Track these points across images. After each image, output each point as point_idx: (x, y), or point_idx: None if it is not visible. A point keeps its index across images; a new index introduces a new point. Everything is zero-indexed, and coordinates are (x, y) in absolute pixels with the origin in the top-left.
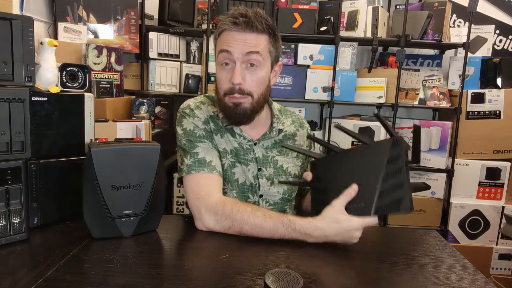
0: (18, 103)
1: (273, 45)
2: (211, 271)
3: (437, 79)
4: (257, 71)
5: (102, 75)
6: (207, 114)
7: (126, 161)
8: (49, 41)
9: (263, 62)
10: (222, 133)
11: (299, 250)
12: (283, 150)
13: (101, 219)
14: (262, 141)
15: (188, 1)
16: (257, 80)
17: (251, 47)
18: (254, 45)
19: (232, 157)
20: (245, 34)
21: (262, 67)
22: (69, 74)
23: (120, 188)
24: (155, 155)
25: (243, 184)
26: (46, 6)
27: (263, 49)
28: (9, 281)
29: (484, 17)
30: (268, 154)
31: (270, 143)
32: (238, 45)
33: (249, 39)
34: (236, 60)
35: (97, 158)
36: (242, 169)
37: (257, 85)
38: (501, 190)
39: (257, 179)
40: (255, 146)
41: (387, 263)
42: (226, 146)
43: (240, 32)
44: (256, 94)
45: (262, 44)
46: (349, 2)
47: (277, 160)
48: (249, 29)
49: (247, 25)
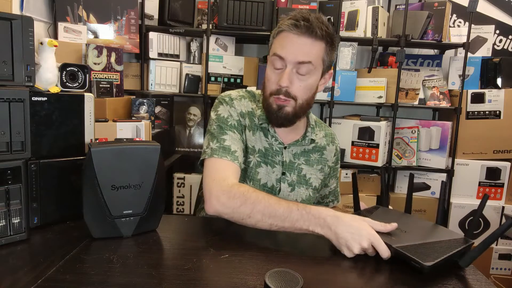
0: (18, 103)
1: (328, 53)
2: (211, 271)
3: (437, 79)
4: (306, 78)
5: (102, 75)
6: (245, 108)
7: (126, 161)
8: (49, 41)
9: (314, 70)
10: (255, 131)
11: (299, 250)
12: (309, 159)
13: (101, 219)
14: (292, 146)
15: (188, 1)
16: (304, 86)
17: (304, 56)
18: (307, 53)
19: (259, 156)
20: (303, 38)
21: (312, 75)
22: (69, 74)
23: (120, 188)
24: (155, 155)
25: (265, 185)
26: (46, 6)
27: (315, 58)
28: (9, 281)
29: (484, 17)
30: (294, 161)
31: (299, 150)
32: (293, 50)
33: (304, 44)
34: (288, 64)
35: (97, 158)
36: (267, 170)
37: (304, 90)
38: (501, 190)
39: (279, 182)
40: (284, 149)
41: (386, 263)
42: (255, 145)
43: (298, 36)
44: (301, 100)
45: (315, 53)
46: (349, 2)
47: (302, 168)
48: (308, 34)
49: (307, 29)
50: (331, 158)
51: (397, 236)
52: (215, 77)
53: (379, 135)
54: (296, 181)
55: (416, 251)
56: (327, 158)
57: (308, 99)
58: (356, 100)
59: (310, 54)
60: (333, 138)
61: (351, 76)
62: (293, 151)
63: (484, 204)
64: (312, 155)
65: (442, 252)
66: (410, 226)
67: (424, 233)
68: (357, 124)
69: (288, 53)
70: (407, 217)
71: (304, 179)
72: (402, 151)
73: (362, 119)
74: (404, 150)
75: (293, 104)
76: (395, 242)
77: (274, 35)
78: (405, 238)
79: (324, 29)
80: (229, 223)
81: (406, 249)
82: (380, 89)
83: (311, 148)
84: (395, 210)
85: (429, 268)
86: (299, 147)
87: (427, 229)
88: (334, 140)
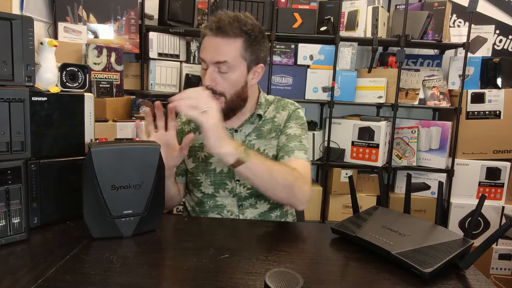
0: (18, 103)
1: (248, 49)
2: (211, 271)
3: (437, 79)
4: (227, 75)
5: (102, 75)
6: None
7: (126, 161)
8: (49, 41)
9: (235, 67)
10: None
11: (299, 250)
12: (261, 133)
13: (101, 219)
14: (242, 128)
15: (188, 1)
16: (228, 82)
17: (219, 56)
18: (222, 53)
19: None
20: (217, 39)
21: (234, 71)
22: (69, 74)
23: (120, 188)
24: (155, 155)
25: (221, 172)
26: (46, 6)
27: (232, 57)
28: (9, 281)
29: (484, 17)
30: (245, 140)
31: (250, 128)
32: (209, 52)
33: (218, 45)
34: (209, 65)
35: (97, 158)
36: (219, 158)
37: (229, 87)
38: (501, 190)
39: None
40: (235, 133)
41: (387, 263)
42: (204, 141)
43: (212, 37)
44: (229, 95)
45: (232, 51)
46: (349, 2)
47: (253, 144)
48: (220, 34)
49: (218, 30)
50: (282, 121)
51: (396, 240)
52: None
53: (379, 135)
54: None
55: (416, 257)
56: (279, 123)
57: (237, 93)
58: (356, 100)
59: (225, 54)
60: (284, 106)
61: (351, 76)
62: (245, 132)
63: (482, 204)
64: (263, 128)
65: (441, 256)
66: (409, 228)
67: (423, 235)
68: (357, 124)
69: (206, 55)
70: (406, 217)
71: (258, 153)
72: (402, 151)
73: (362, 119)
74: (404, 150)
75: (223, 100)
76: (394, 248)
77: (202, 40)
78: (404, 242)
79: (238, 26)
80: (229, 223)
81: (406, 255)
82: (380, 89)
83: (261, 122)
84: (395, 210)
85: (429, 274)
86: (249, 125)
87: (426, 231)
88: (286, 107)
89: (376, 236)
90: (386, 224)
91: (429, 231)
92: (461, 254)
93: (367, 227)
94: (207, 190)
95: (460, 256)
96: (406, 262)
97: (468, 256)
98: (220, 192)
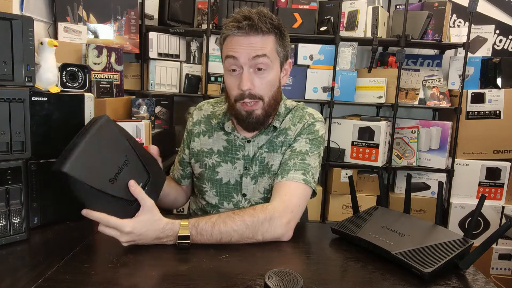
0: (18, 103)
1: (281, 44)
2: (211, 271)
3: (437, 79)
4: (265, 74)
5: (102, 75)
6: (205, 113)
7: (97, 153)
8: (49, 41)
9: (271, 64)
10: (212, 132)
11: (299, 250)
12: (273, 145)
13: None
14: (256, 138)
15: (188, 1)
16: (266, 83)
17: (258, 51)
18: (260, 48)
19: (218, 157)
20: (250, 37)
21: (271, 70)
22: (69, 74)
23: (116, 176)
24: (110, 127)
25: (228, 183)
26: (46, 6)
27: (270, 51)
28: (9, 281)
29: (484, 17)
30: (257, 152)
31: (264, 141)
32: (244, 49)
33: (254, 42)
34: (243, 66)
35: (75, 171)
36: (227, 168)
37: (268, 88)
38: (501, 190)
39: (242, 178)
40: (248, 143)
41: (387, 263)
42: (213, 146)
43: (244, 36)
44: (267, 97)
45: (268, 46)
46: (349, 2)
47: (264, 158)
48: (254, 32)
49: (251, 28)
50: (294, 135)
51: (396, 240)
52: (215, 77)
53: (379, 135)
54: (259, 171)
55: (416, 257)
56: (291, 137)
57: (274, 96)
58: (356, 100)
59: (263, 49)
60: (301, 118)
61: (351, 76)
62: (259, 144)
63: (482, 204)
64: (276, 140)
65: (441, 256)
66: (409, 228)
67: (423, 235)
68: (357, 124)
69: (240, 53)
70: (406, 217)
71: (266, 168)
72: (402, 151)
73: (362, 119)
74: (404, 150)
75: (261, 105)
76: (394, 248)
77: (221, 42)
78: (404, 242)
79: (269, 21)
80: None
81: (406, 255)
82: (380, 89)
83: (275, 134)
84: (395, 210)
85: (429, 274)
86: (263, 136)
87: (426, 231)
88: (303, 118)
89: (376, 236)
90: (386, 224)
91: (429, 231)
92: (461, 254)
93: (367, 227)
94: (211, 200)
95: (460, 256)
96: (406, 262)
97: (468, 256)
98: (224, 204)
